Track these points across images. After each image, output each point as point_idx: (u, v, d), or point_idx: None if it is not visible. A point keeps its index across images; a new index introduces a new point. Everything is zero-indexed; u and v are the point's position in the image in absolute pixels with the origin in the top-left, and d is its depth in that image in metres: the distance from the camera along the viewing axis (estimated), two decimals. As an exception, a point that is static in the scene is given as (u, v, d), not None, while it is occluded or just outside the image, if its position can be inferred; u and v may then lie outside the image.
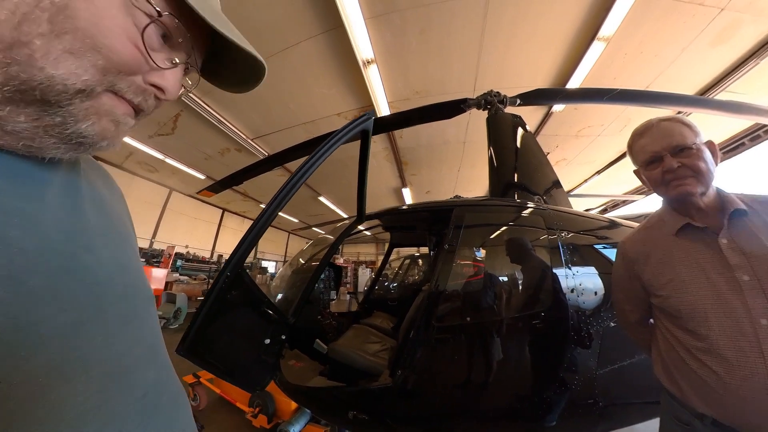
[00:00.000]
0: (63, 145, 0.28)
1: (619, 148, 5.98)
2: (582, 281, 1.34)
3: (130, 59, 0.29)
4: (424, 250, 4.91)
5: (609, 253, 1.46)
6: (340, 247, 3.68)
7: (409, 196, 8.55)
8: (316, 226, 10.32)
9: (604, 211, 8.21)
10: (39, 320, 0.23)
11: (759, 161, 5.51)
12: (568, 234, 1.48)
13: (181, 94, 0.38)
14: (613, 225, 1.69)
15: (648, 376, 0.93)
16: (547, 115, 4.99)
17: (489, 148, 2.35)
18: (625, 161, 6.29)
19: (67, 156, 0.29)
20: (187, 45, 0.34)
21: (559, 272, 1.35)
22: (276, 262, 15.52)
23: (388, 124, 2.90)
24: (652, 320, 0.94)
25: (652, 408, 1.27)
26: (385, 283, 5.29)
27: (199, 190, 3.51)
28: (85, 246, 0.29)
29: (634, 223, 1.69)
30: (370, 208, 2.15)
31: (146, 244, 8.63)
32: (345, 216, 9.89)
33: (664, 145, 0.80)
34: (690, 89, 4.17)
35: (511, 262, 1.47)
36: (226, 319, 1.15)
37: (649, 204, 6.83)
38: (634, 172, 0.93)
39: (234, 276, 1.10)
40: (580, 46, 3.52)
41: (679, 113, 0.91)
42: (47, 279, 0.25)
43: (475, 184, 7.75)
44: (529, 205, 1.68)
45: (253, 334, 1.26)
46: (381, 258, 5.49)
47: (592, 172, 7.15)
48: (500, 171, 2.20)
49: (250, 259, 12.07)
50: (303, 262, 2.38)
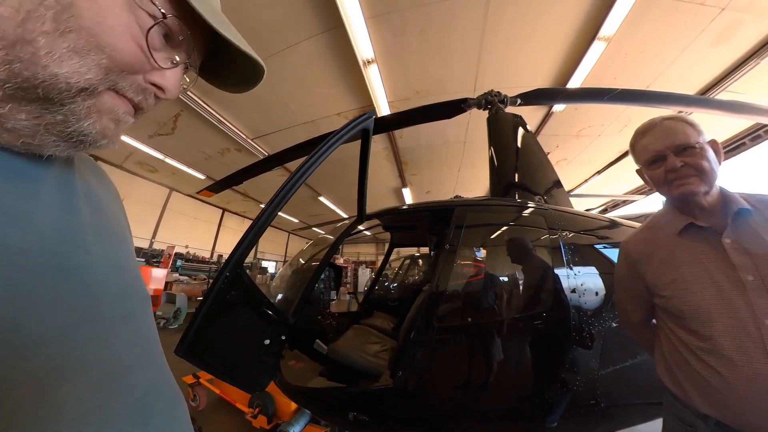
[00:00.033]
0: (63, 143, 0.28)
1: (620, 148, 5.97)
2: (584, 281, 1.34)
3: (133, 59, 0.29)
4: (425, 251, 4.90)
5: (611, 253, 1.45)
6: (341, 247, 3.68)
7: (409, 196, 8.55)
8: (316, 226, 10.32)
9: (605, 211, 8.21)
10: (38, 321, 0.23)
11: (759, 161, 5.51)
12: (569, 234, 1.48)
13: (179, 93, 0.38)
14: (615, 225, 1.69)
15: (650, 376, 0.93)
16: (548, 115, 4.98)
17: (489, 148, 2.34)
18: (626, 161, 6.28)
19: (65, 154, 0.29)
20: (188, 45, 0.34)
21: (561, 272, 1.34)
22: (276, 262, 15.52)
23: (388, 124, 2.89)
24: (654, 320, 0.93)
25: (655, 409, 1.27)
26: (386, 283, 5.29)
27: (199, 190, 3.51)
28: (80, 245, 0.29)
29: (635, 223, 1.69)
30: (370, 208, 2.15)
31: (146, 244, 8.61)
32: (345, 216, 9.89)
33: (667, 144, 0.79)
34: (690, 89, 4.16)
35: (512, 262, 1.47)
36: (226, 320, 1.14)
37: (650, 204, 6.84)
38: (637, 171, 0.92)
39: (233, 276, 1.09)
40: (581, 45, 3.51)
41: (680, 113, 0.90)
42: (44, 279, 0.24)
43: (476, 184, 7.75)
44: (531, 205, 1.68)
45: (253, 335, 1.25)
46: (381, 258, 5.49)
47: (593, 172, 7.15)
48: (501, 171, 2.19)
49: (250, 259, 12.07)
50: (303, 262, 2.37)
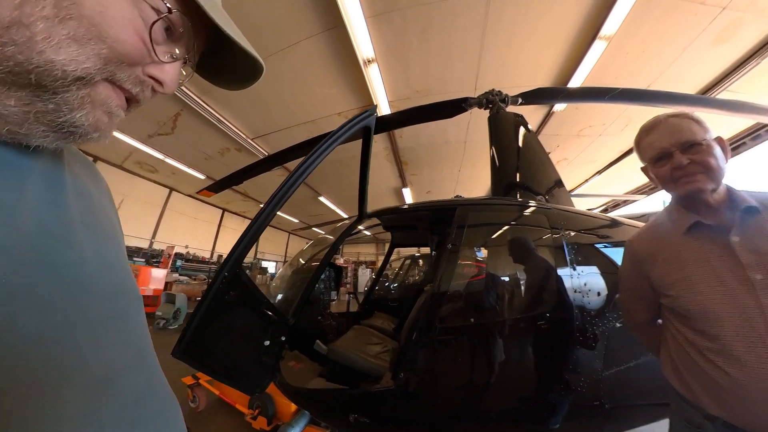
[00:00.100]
0: (52, 133, 0.26)
1: (620, 148, 5.96)
2: (587, 281, 1.32)
3: (135, 51, 0.29)
4: (426, 251, 4.89)
5: (614, 253, 1.44)
6: (341, 247, 3.67)
7: (409, 196, 8.54)
8: (316, 226, 10.31)
9: (605, 212, 8.19)
10: (23, 321, 0.21)
11: (760, 161, 5.50)
12: (572, 233, 1.46)
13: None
14: (619, 224, 1.67)
15: (655, 377, 0.91)
16: (548, 115, 4.98)
17: (491, 148, 2.33)
18: (626, 161, 6.27)
19: (54, 145, 0.27)
20: (189, 40, 0.34)
21: (564, 272, 1.33)
22: (276, 262, 15.50)
23: (388, 123, 2.88)
24: (660, 321, 0.92)
25: (660, 410, 1.26)
26: (387, 284, 5.27)
27: (199, 190, 3.49)
28: (66, 241, 0.27)
29: (639, 223, 1.67)
30: (370, 209, 2.13)
31: (146, 244, 8.59)
32: (345, 216, 9.88)
33: (673, 141, 0.78)
34: (691, 89, 4.16)
35: (514, 261, 1.46)
36: (224, 320, 1.13)
37: (650, 204, 6.83)
38: (642, 169, 0.91)
39: (232, 276, 1.08)
40: (582, 45, 3.51)
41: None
42: (24, 276, 0.23)
43: (476, 184, 7.74)
44: (533, 205, 1.66)
45: (252, 336, 1.24)
46: (382, 258, 5.47)
47: (593, 171, 7.14)
48: (502, 170, 2.18)
49: (251, 259, 12.06)
50: (303, 262, 2.36)
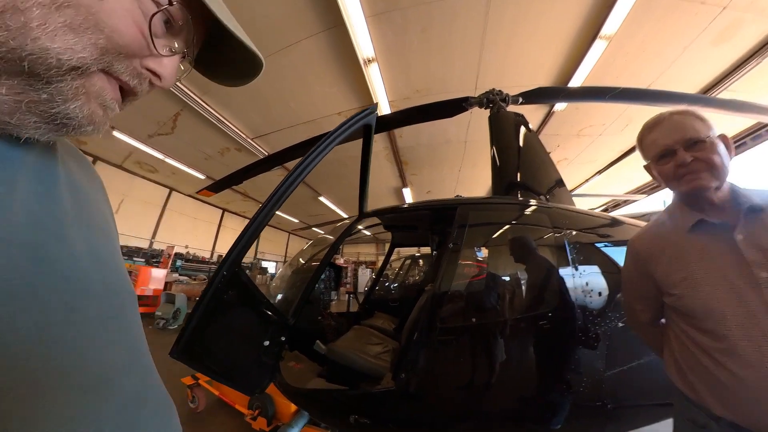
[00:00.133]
0: (44, 125, 0.25)
1: (621, 148, 5.96)
2: (589, 280, 1.31)
3: (133, 43, 0.28)
4: (426, 250, 4.87)
5: (617, 252, 1.43)
6: (341, 247, 3.67)
7: (409, 196, 8.53)
8: (316, 226, 10.30)
9: (606, 212, 8.18)
10: (12, 319, 0.20)
11: (761, 160, 5.50)
12: (574, 232, 1.46)
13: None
14: (621, 223, 1.67)
15: (658, 377, 0.91)
16: (549, 115, 4.97)
17: (491, 147, 2.32)
18: (626, 161, 6.27)
19: (45, 137, 0.26)
20: (189, 34, 0.33)
21: (566, 271, 1.32)
22: (276, 262, 15.49)
23: (389, 123, 2.87)
24: (663, 320, 0.91)
25: (662, 410, 1.25)
26: (387, 284, 5.26)
27: (199, 190, 3.49)
28: (56, 235, 0.26)
29: (641, 222, 1.67)
30: (370, 209, 2.12)
31: (146, 244, 8.58)
32: (345, 216, 9.88)
33: (677, 139, 0.78)
34: (692, 88, 4.15)
35: (516, 261, 1.45)
36: (224, 320, 1.12)
37: (650, 204, 6.83)
38: (645, 167, 0.90)
39: (230, 275, 1.07)
40: (582, 44, 3.50)
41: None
42: (19, 272, 0.22)
43: (477, 184, 7.73)
44: (534, 204, 1.66)
45: (252, 336, 1.23)
46: (382, 258, 5.46)
47: (593, 171, 7.13)
48: (503, 170, 2.17)
49: (251, 259, 12.05)
50: (303, 262, 2.35)
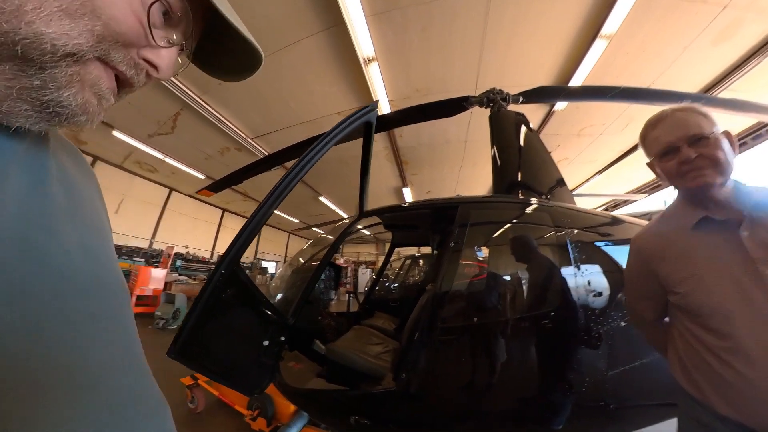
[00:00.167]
0: (36, 113, 0.24)
1: (621, 148, 5.95)
2: (591, 279, 1.30)
3: (131, 32, 0.27)
4: (427, 250, 4.86)
5: (619, 251, 1.42)
6: (341, 247, 3.66)
7: (409, 196, 8.53)
8: (316, 226, 10.30)
9: (606, 211, 8.18)
10: (17, 320, 0.19)
11: (761, 160, 5.49)
12: (576, 231, 1.45)
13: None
14: (623, 222, 1.66)
15: (661, 376, 0.90)
16: (549, 114, 4.97)
17: (492, 147, 2.31)
18: (627, 161, 6.26)
19: (37, 127, 0.25)
20: (188, 26, 0.32)
21: (568, 271, 1.31)
22: (276, 262, 15.48)
23: (389, 122, 2.87)
24: (667, 318, 0.90)
25: (665, 410, 1.24)
26: (387, 283, 5.24)
27: (199, 190, 3.48)
28: (44, 228, 0.25)
29: (643, 221, 1.66)
30: (370, 209, 2.11)
31: (146, 244, 8.58)
32: (345, 216, 9.87)
33: (680, 135, 0.77)
34: (692, 88, 4.15)
35: (517, 260, 1.44)
36: (222, 320, 1.11)
37: (651, 203, 6.82)
38: (648, 164, 0.89)
39: (229, 274, 1.06)
40: (582, 44, 3.50)
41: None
42: (7, 266, 0.21)
43: (477, 184, 7.73)
44: (536, 203, 1.65)
45: (251, 336, 1.22)
46: (382, 258, 5.45)
47: (594, 171, 7.13)
48: (504, 169, 2.16)
49: (250, 259, 12.03)
50: (303, 262, 2.34)
